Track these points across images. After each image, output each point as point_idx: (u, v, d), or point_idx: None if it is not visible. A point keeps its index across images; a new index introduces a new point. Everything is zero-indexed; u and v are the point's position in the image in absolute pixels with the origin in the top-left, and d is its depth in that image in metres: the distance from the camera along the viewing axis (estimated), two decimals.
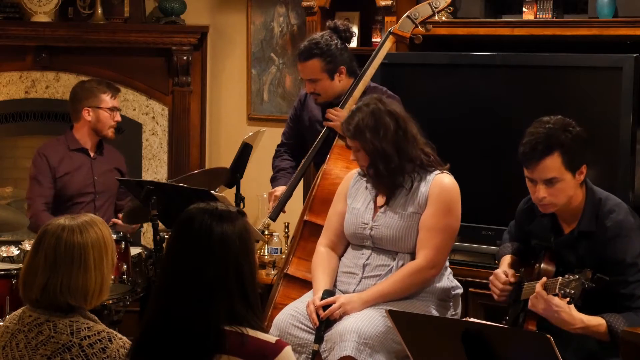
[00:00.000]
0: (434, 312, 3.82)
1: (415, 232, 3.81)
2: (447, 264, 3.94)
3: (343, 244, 4.00)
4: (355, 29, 4.88)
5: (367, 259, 3.89)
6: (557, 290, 3.27)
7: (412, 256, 3.82)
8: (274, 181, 4.77)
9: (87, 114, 5.14)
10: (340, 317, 3.74)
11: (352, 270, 3.91)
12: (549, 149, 3.39)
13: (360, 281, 3.87)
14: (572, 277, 3.25)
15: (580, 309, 3.33)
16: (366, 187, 3.95)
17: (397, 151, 3.80)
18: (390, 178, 3.83)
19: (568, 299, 3.25)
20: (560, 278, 3.29)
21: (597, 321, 3.33)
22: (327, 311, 3.73)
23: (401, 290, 3.79)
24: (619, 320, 3.31)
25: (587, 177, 3.52)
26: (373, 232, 3.86)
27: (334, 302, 3.76)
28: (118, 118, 5.23)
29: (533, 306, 3.37)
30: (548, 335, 2.62)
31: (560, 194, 3.43)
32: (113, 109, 5.18)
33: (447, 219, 3.80)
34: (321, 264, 3.95)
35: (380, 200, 3.90)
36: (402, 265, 3.82)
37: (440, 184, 3.81)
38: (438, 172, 3.84)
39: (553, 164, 3.40)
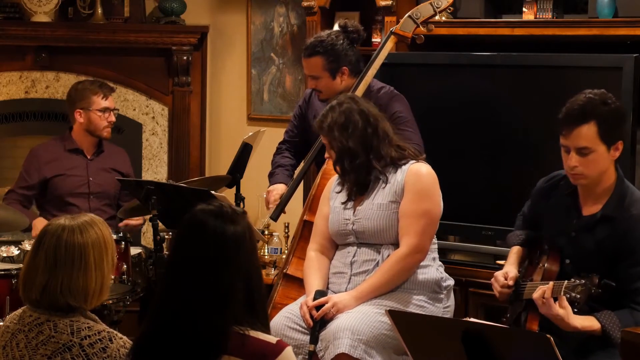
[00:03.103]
0: (428, 305, 3.84)
1: (396, 222, 3.84)
2: (436, 255, 3.96)
3: (333, 246, 4.02)
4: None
5: (353, 256, 3.91)
6: (562, 293, 3.27)
7: (396, 247, 3.85)
8: (271, 176, 4.77)
9: (79, 116, 5.15)
10: (334, 316, 3.75)
11: (341, 269, 3.93)
12: (585, 117, 3.38)
13: (349, 279, 3.89)
14: (578, 281, 3.25)
15: (585, 310, 3.34)
16: (345, 186, 3.98)
17: (364, 148, 3.85)
18: (355, 174, 3.88)
19: (573, 302, 3.26)
20: (565, 281, 3.29)
21: (592, 327, 3.34)
22: (320, 311, 3.75)
23: (390, 280, 3.81)
24: (614, 322, 3.32)
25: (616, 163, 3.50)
26: (355, 227, 3.89)
27: (326, 302, 3.77)
28: (112, 118, 5.18)
29: (536, 303, 3.38)
30: (548, 335, 2.62)
31: (592, 165, 3.41)
32: (105, 110, 5.15)
33: (424, 204, 3.83)
34: (312, 267, 3.98)
35: (357, 196, 3.93)
36: (388, 256, 3.84)
37: (416, 171, 3.86)
38: (413, 161, 3.88)
39: (588, 132, 3.38)
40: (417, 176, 3.85)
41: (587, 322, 3.33)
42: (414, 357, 2.95)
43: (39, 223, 4.99)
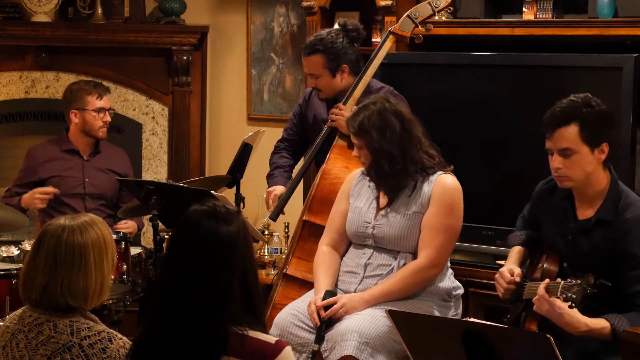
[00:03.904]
0: (436, 312, 3.83)
1: (418, 232, 3.81)
2: (449, 264, 3.95)
3: (345, 243, 4.00)
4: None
5: (368, 259, 3.89)
6: (558, 293, 3.27)
7: (414, 256, 3.83)
8: (270, 178, 4.76)
9: (74, 117, 5.16)
10: (342, 317, 3.74)
11: (354, 269, 3.91)
12: (566, 119, 3.41)
13: (361, 281, 3.87)
14: (574, 281, 3.25)
15: (581, 311, 3.32)
16: (369, 186, 3.96)
17: (402, 153, 3.81)
18: (394, 179, 3.83)
19: (569, 302, 3.25)
20: (562, 281, 3.29)
21: (601, 324, 3.32)
22: (328, 311, 3.74)
23: (403, 289, 3.80)
24: (622, 322, 3.30)
25: (610, 166, 3.51)
26: (375, 231, 3.87)
27: (335, 303, 3.76)
28: (107, 118, 5.17)
29: (537, 308, 3.37)
30: (548, 335, 2.62)
31: (575, 167, 3.42)
32: (100, 110, 5.14)
33: (449, 219, 3.81)
34: (323, 263, 3.95)
35: (383, 199, 3.90)
36: (404, 264, 3.82)
37: (443, 184, 3.82)
38: (441, 172, 3.85)
39: (569, 134, 3.40)
40: (444, 189, 3.81)
41: (597, 322, 3.32)
42: (414, 357, 2.95)
43: (27, 198, 5.00)
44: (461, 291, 3.97)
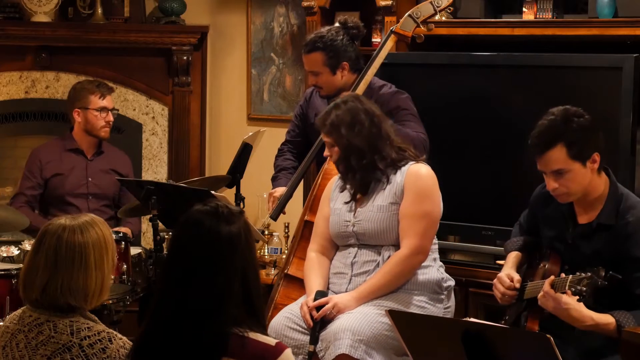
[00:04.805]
0: (428, 306, 3.84)
1: (396, 223, 3.84)
2: (437, 255, 3.96)
3: (333, 247, 4.02)
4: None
5: (354, 257, 3.91)
6: (566, 288, 3.25)
7: (397, 248, 3.86)
8: (274, 181, 4.78)
9: (77, 116, 5.17)
10: (335, 317, 3.75)
11: (341, 270, 3.93)
12: (551, 142, 3.39)
13: (350, 280, 3.89)
14: (583, 274, 3.23)
15: (591, 305, 3.31)
16: (345, 189, 3.98)
17: (370, 147, 3.85)
18: (361, 173, 3.87)
19: (578, 296, 3.23)
20: (570, 276, 3.27)
21: (606, 320, 3.31)
22: (320, 311, 3.75)
23: (391, 281, 3.81)
24: (628, 319, 3.30)
25: (608, 169, 3.50)
26: (356, 228, 3.89)
27: (327, 303, 3.77)
28: (110, 118, 5.18)
29: (543, 304, 3.36)
30: (548, 336, 2.62)
31: (571, 184, 3.41)
32: (102, 109, 5.15)
33: (425, 205, 3.83)
34: (313, 267, 3.98)
35: (359, 197, 3.92)
36: (389, 257, 3.84)
37: (415, 172, 3.86)
38: (413, 162, 3.88)
39: (557, 156, 3.39)
40: (416, 177, 3.85)
41: (602, 317, 3.31)
42: (414, 357, 2.95)
43: None
44: (452, 283, 3.98)
